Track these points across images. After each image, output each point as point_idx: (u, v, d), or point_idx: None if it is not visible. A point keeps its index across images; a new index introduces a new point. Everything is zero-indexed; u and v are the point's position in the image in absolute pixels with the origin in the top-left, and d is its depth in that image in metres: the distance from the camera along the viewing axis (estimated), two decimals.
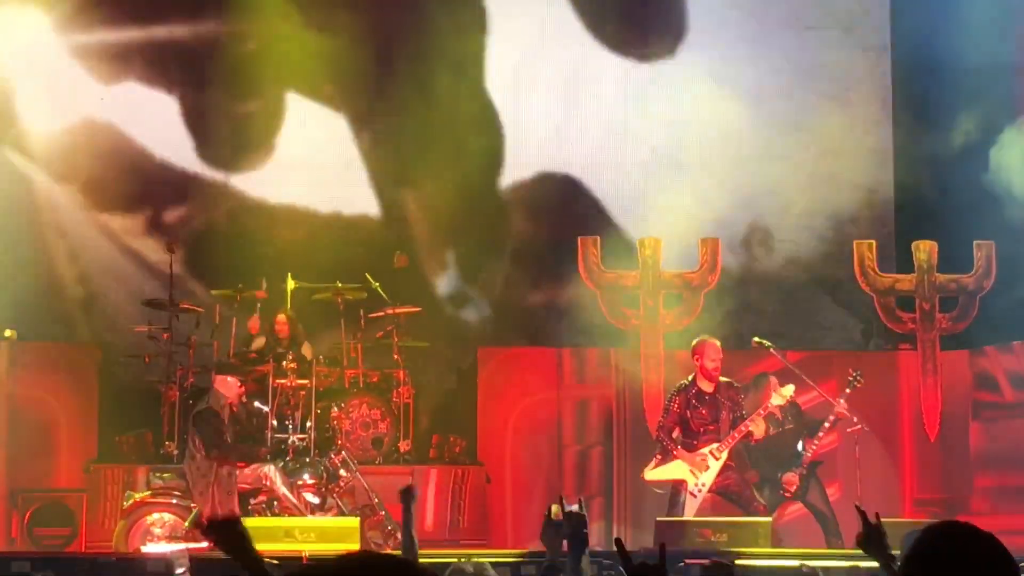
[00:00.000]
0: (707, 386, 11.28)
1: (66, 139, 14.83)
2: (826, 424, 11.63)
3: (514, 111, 15.40)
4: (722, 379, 11.34)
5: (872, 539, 4.93)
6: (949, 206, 13.66)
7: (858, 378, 11.71)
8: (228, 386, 11.80)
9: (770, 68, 15.18)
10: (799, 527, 12.37)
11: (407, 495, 6.92)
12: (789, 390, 11.32)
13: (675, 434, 11.40)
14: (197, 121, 15.13)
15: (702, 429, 11.23)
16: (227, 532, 4.34)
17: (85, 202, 14.87)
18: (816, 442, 11.68)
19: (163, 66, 15.10)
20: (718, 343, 11.42)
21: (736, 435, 11.18)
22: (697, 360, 11.33)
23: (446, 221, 15.14)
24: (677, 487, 11.25)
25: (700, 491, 11.11)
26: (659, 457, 11.37)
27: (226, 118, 15.13)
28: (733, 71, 14.77)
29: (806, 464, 11.70)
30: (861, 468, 11.89)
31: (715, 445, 11.16)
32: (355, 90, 15.26)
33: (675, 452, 11.18)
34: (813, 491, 11.77)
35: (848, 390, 11.66)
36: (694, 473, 11.15)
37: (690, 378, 11.40)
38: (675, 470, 11.25)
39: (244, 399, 12.14)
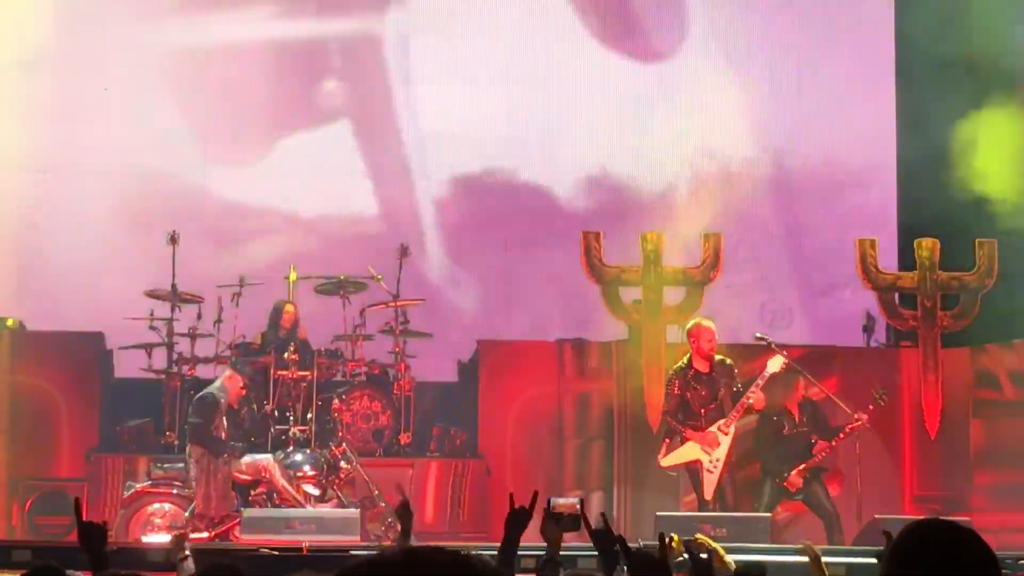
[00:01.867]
0: (703, 366, 11.54)
1: (69, 128, 14.82)
2: (841, 435, 11.74)
3: (516, 105, 15.42)
4: (716, 357, 11.58)
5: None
6: (952, 203, 13.63)
7: (883, 395, 11.85)
8: (233, 383, 11.88)
9: (777, 67, 15.18)
10: (799, 522, 12.38)
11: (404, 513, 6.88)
12: (779, 360, 11.50)
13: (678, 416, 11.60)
14: (199, 115, 15.15)
15: (703, 409, 11.46)
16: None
17: (89, 191, 14.86)
18: (828, 448, 11.78)
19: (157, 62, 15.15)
20: (712, 324, 11.67)
21: (739, 410, 11.42)
22: (693, 342, 11.59)
23: (447, 211, 15.21)
24: (694, 467, 11.47)
25: (716, 467, 11.36)
26: (667, 442, 11.60)
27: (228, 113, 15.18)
28: (734, 74, 14.78)
29: (811, 466, 11.79)
30: (861, 465, 11.91)
31: (721, 421, 11.41)
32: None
33: (686, 433, 11.39)
34: (816, 489, 11.86)
35: (871, 406, 11.77)
36: (706, 451, 11.38)
37: (686, 359, 11.62)
38: (689, 452, 11.48)
39: (242, 395, 12.17)
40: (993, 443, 13.20)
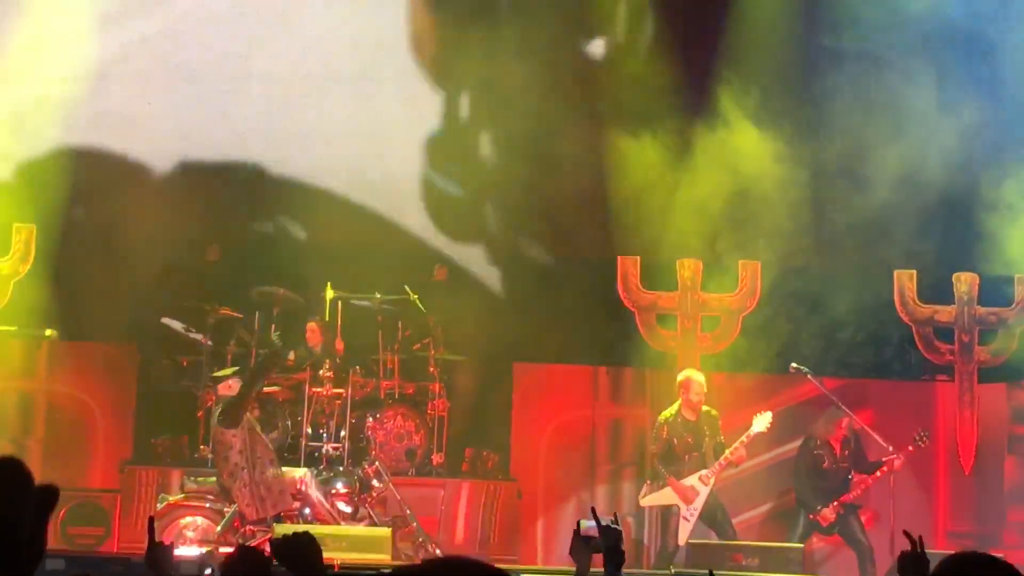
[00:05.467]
0: (691, 415, 11.93)
1: (111, 136, 14.83)
2: (878, 472, 11.78)
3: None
4: (703, 408, 11.93)
5: (912, 565, 4.93)
6: (993, 237, 13.55)
7: (924, 437, 12.10)
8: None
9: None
10: (832, 553, 12.34)
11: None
12: (766, 418, 11.74)
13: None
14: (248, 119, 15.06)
15: (686, 456, 11.86)
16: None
17: (128, 203, 14.87)
18: (864, 483, 11.84)
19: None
20: (703, 378, 12.01)
21: (722, 463, 11.77)
22: (683, 392, 11.94)
23: None
24: (668, 511, 11.86)
25: (692, 516, 11.75)
26: (649, 483, 12.02)
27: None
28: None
29: (846, 502, 11.80)
30: (895, 498, 11.88)
31: (704, 471, 11.78)
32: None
33: (669, 481, 11.79)
34: (851, 522, 11.86)
35: (911, 447, 11.83)
36: (686, 500, 11.73)
37: (676, 407, 11.93)
38: (669, 496, 11.84)
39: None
40: None
